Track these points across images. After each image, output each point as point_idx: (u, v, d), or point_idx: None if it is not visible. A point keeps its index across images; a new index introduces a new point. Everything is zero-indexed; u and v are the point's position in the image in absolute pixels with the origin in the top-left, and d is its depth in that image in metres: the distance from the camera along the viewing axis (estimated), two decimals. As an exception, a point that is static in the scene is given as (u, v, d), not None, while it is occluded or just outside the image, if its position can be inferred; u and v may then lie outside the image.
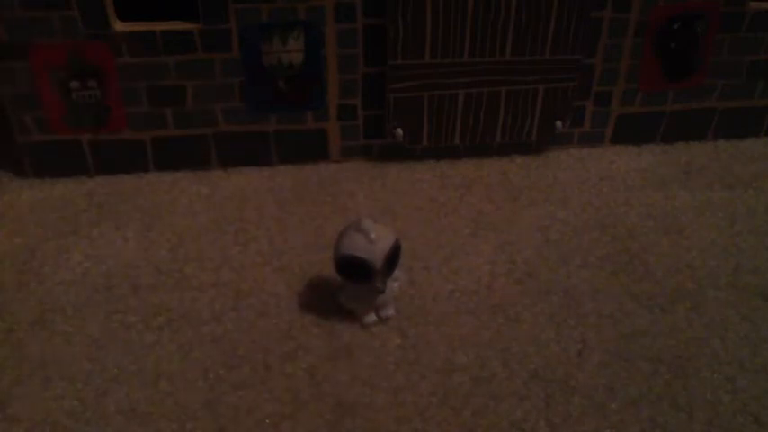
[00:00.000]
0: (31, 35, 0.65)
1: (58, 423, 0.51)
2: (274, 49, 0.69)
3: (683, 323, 0.59)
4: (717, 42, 0.75)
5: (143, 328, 0.58)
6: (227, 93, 0.70)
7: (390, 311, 0.59)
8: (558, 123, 0.75)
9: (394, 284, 0.58)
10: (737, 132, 0.81)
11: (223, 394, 0.53)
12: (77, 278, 0.62)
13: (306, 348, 0.56)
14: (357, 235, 0.54)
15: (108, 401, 0.52)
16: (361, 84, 0.72)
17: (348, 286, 0.58)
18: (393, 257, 0.56)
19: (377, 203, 0.71)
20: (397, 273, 0.58)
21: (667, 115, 0.79)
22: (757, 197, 0.73)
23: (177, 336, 0.57)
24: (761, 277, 0.63)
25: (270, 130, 0.73)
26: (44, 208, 0.70)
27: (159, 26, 0.67)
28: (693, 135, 0.81)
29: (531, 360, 0.56)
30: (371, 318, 0.58)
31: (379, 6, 0.68)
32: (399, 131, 0.74)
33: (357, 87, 0.72)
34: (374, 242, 0.54)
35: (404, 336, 0.57)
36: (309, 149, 0.75)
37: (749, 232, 0.68)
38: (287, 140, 0.74)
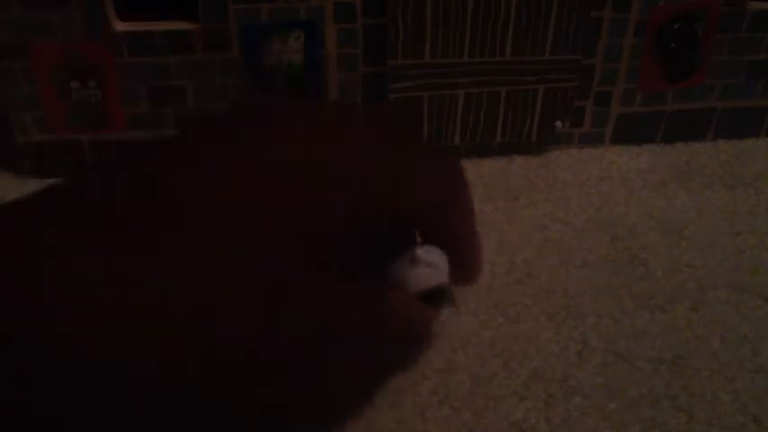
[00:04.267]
0: (31, 35, 0.65)
1: (58, 423, 0.51)
2: (274, 49, 0.69)
3: (683, 323, 0.59)
4: (717, 42, 0.75)
5: (143, 328, 0.58)
6: (227, 93, 0.70)
7: (390, 311, 0.58)
8: (558, 123, 0.75)
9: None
10: (737, 132, 0.81)
11: (223, 394, 0.53)
12: (77, 278, 0.62)
13: (306, 348, 0.56)
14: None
15: (108, 401, 0.52)
16: (361, 84, 0.72)
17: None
18: None
19: (377, 203, 0.71)
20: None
21: (667, 115, 0.79)
22: (757, 197, 0.73)
23: (177, 336, 0.57)
24: (761, 277, 0.63)
25: (270, 130, 0.73)
26: (44, 208, 0.69)
27: (159, 26, 0.67)
28: (693, 135, 0.80)
29: (531, 360, 0.56)
30: (371, 318, 0.58)
31: (379, 6, 0.68)
32: (399, 131, 0.73)
33: (357, 87, 0.72)
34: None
35: (404, 336, 0.57)
36: (309, 149, 0.75)
37: (749, 232, 0.68)
38: (287, 140, 0.74)
